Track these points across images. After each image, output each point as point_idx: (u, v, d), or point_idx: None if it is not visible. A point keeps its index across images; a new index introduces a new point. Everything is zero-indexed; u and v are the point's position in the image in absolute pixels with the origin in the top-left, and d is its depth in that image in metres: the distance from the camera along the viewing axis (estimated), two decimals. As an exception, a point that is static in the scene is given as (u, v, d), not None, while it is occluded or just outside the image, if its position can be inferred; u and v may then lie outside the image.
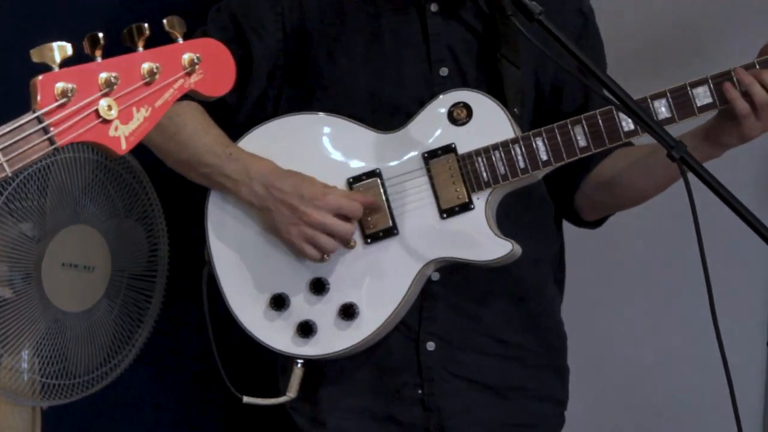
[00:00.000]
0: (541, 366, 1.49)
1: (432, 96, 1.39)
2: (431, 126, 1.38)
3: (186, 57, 0.78)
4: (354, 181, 1.39)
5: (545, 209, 1.50)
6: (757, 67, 1.28)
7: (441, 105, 1.38)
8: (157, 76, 0.76)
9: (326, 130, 1.42)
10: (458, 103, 1.37)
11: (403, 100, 1.41)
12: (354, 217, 1.34)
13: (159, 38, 0.78)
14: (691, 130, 1.35)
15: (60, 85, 0.70)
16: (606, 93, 1.17)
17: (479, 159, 1.35)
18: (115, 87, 0.73)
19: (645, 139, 1.34)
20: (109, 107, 0.73)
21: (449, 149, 1.37)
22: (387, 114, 1.41)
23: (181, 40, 0.79)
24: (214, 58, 0.82)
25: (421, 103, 1.39)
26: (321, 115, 1.42)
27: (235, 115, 1.45)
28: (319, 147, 1.41)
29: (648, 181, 1.44)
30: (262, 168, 1.37)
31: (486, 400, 1.46)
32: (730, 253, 1.91)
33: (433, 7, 1.40)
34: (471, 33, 1.42)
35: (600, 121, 1.32)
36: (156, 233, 1.79)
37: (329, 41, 1.42)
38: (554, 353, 1.52)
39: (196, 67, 0.79)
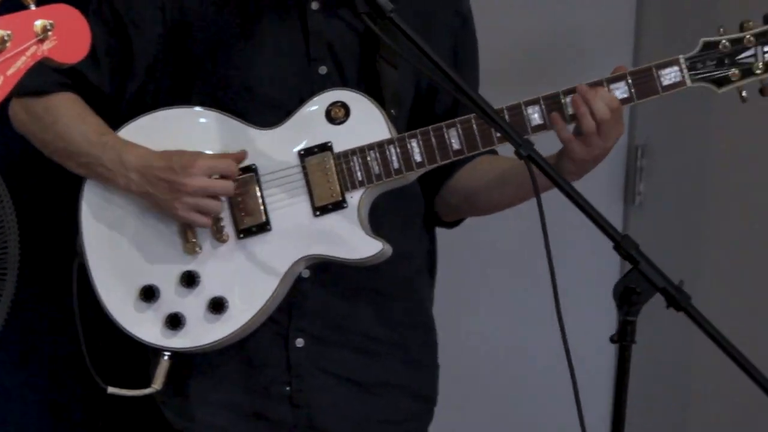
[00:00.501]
0: (410, 362, 1.52)
1: (311, 94, 1.40)
2: (309, 124, 1.39)
3: (38, 23, 0.75)
4: None
5: (417, 206, 1.52)
6: (605, 85, 1.33)
7: (319, 103, 1.39)
8: (8, 44, 0.73)
9: (203, 124, 1.41)
10: (336, 102, 1.38)
11: (282, 97, 1.42)
12: (229, 175, 1.34)
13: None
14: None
15: None
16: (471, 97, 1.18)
17: (354, 158, 1.37)
18: None
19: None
20: None
21: (325, 147, 1.38)
22: (265, 110, 1.41)
23: (33, 7, 0.76)
24: (67, 24, 0.79)
25: (301, 101, 1.40)
26: (198, 108, 1.41)
27: (115, 105, 1.44)
28: (195, 141, 1.40)
29: (502, 193, 1.48)
30: (134, 155, 1.36)
31: (355, 397, 1.48)
32: (581, 251, 2.05)
33: (314, 5, 1.41)
34: (352, 32, 1.43)
35: (474, 125, 1.35)
36: (5, 229, 1.74)
37: (209, 37, 1.42)
38: (424, 350, 1.55)
39: (49, 33, 0.76)
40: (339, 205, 1.37)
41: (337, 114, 1.38)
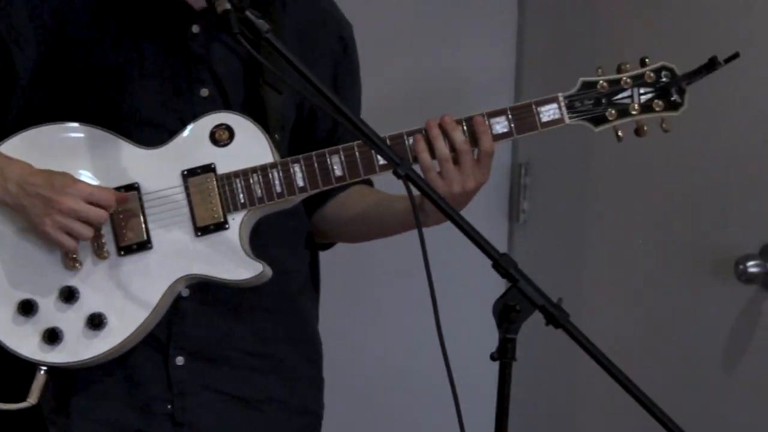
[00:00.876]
0: (295, 378, 1.56)
1: (193, 116, 1.42)
2: (192, 145, 1.41)
3: None
4: None
5: (301, 224, 1.55)
6: (485, 118, 1.39)
7: (203, 125, 1.41)
8: None
9: (85, 141, 1.41)
10: (221, 124, 1.40)
11: (164, 118, 1.43)
12: (107, 206, 1.34)
13: None
14: None
15: None
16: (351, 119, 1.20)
17: (237, 181, 1.39)
18: None
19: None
20: None
21: (209, 169, 1.40)
22: (148, 131, 1.43)
23: None
24: None
25: (182, 122, 1.42)
26: (80, 125, 1.42)
27: (1, 122, 1.44)
28: (77, 157, 1.40)
29: (370, 225, 1.55)
30: (16, 168, 1.36)
31: (239, 413, 1.50)
32: (463, 269, 2.13)
33: (195, 29, 1.43)
34: (234, 56, 1.45)
35: (357, 152, 1.39)
36: None
37: (92, 55, 1.43)
38: (309, 364, 1.59)
39: None
40: (221, 227, 1.39)
41: (222, 136, 1.40)
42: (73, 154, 1.41)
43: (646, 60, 1.41)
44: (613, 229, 2.41)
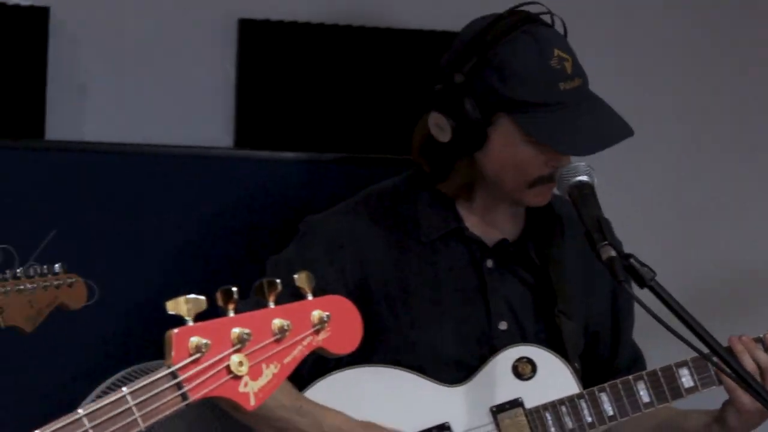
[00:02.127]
0: None
1: (491, 350, 1.44)
2: (496, 380, 1.43)
3: (315, 314, 0.77)
4: None
5: None
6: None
7: (505, 360, 1.43)
8: (287, 333, 0.75)
9: (392, 382, 1.44)
10: (522, 358, 1.42)
11: (464, 354, 1.45)
12: None
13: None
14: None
15: (194, 340, 0.70)
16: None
17: (546, 413, 1.39)
18: (246, 343, 0.72)
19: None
20: (241, 363, 0.72)
21: (516, 403, 1.41)
22: (449, 368, 1.44)
23: (310, 296, 0.79)
24: (342, 316, 0.81)
25: (482, 358, 1.44)
26: (381, 367, 1.44)
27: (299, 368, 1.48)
28: (386, 400, 1.43)
29: None
30: (334, 420, 1.38)
31: None
32: None
33: (489, 263, 1.48)
34: (525, 286, 1.50)
35: (661, 378, 1.39)
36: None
37: (391, 299, 1.47)
38: None
39: (325, 324, 0.78)
40: (535, 460, 1.38)
41: (524, 370, 1.42)
42: (379, 396, 1.43)
43: None
44: None
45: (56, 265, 1.41)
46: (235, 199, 1.98)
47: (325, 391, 1.43)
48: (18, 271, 1.37)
